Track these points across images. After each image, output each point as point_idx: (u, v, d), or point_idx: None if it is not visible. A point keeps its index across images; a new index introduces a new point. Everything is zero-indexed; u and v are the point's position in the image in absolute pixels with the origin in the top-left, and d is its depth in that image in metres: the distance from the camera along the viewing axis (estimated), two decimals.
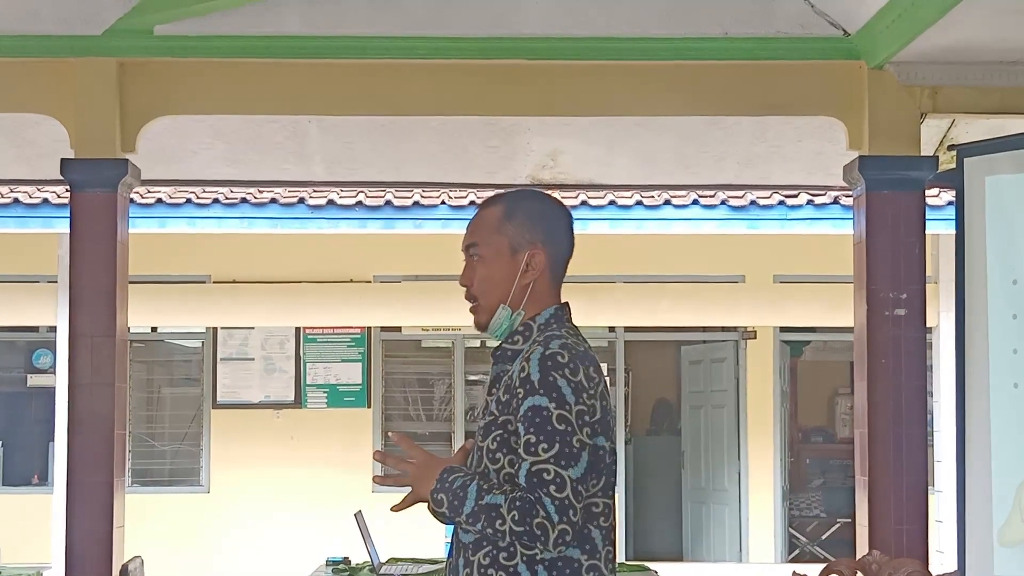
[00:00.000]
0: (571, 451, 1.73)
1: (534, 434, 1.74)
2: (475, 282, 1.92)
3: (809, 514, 9.68)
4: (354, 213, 7.15)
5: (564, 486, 1.72)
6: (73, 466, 3.99)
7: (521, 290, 1.89)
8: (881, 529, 3.90)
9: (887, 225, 4.00)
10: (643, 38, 4.04)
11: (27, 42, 4.02)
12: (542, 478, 1.72)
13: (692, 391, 9.38)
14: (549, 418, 1.74)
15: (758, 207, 7.05)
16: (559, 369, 1.77)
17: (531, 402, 1.75)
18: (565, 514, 1.71)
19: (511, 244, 1.91)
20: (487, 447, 1.81)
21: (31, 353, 8.79)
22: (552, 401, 1.75)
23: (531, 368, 1.77)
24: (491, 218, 1.93)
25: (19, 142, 4.96)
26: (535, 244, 1.90)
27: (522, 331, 1.90)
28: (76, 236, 4.06)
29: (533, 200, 1.97)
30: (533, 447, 1.73)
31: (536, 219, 1.92)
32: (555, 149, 5.21)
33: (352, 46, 4.06)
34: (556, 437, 1.73)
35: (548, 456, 1.72)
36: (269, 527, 8.28)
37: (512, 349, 1.89)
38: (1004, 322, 3.89)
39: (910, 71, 3.98)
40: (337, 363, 8.48)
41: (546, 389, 1.75)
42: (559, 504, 1.71)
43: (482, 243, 1.92)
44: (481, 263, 1.92)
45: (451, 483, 1.79)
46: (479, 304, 1.93)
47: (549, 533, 1.71)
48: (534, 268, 1.90)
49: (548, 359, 1.77)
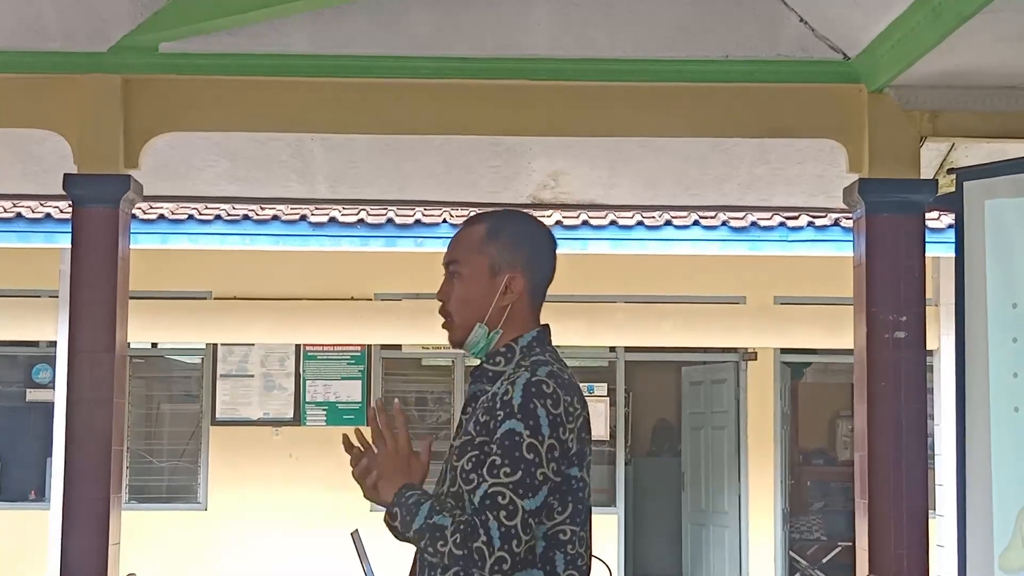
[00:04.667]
0: (532, 482, 1.72)
1: (500, 456, 1.73)
2: (451, 299, 1.91)
3: (809, 537, 9.64)
4: (356, 231, 7.17)
5: (515, 514, 1.70)
6: (70, 482, 3.98)
7: (499, 311, 1.88)
8: (881, 553, 3.88)
9: (887, 248, 4.00)
10: (646, 60, 4.06)
11: (33, 58, 4.04)
12: (496, 501, 1.71)
13: (692, 412, 9.37)
14: (520, 444, 1.73)
15: (759, 229, 7.07)
16: (541, 398, 1.76)
17: (507, 425, 1.74)
18: (508, 542, 1.69)
19: (491, 265, 1.89)
20: (461, 467, 1.79)
21: (30, 368, 8.79)
22: (527, 428, 1.74)
23: (514, 392, 1.76)
24: (473, 237, 1.91)
25: (24, 157, 4.98)
26: (515, 268, 1.89)
27: (504, 352, 1.88)
28: (77, 251, 4.06)
29: (517, 223, 1.94)
30: (496, 469, 1.72)
31: (519, 243, 1.91)
32: (557, 170, 5.22)
33: (357, 65, 4.08)
34: (521, 465, 1.72)
35: (508, 481, 1.71)
36: (266, 545, 8.24)
37: (493, 370, 1.88)
38: (1004, 346, 3.88)
39: (910, 95, 3.99)
40: (337, 381, 8.47)
41: (524, 415, 1.74)
42: (505, 531, 1.69)
43: (462, 261, 1.90)
44: (460, 281, 1.90)
45: (407, 499, 1.79)
46: (453, 321, 1.91)
47: (486, 558, 1.69)
48: (512, 292, 1.88)
49: (533, 386, 1.76)
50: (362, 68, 4.08)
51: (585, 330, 7.72)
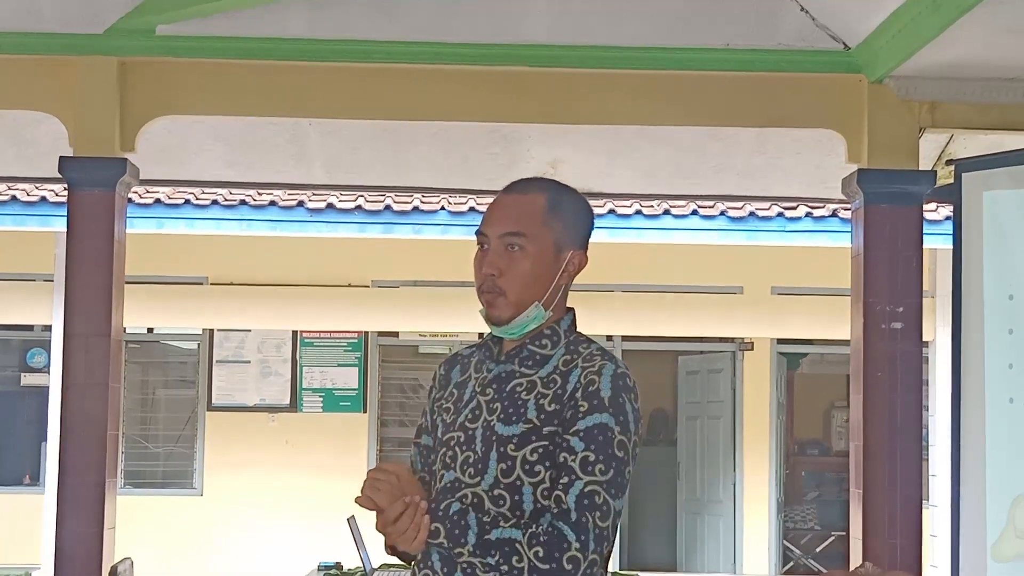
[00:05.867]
0: (622, 481, 1.64)
1: (594, 452, 1.62)
2: (507, 273, 1.73)
3: (804, 526, 9.67)
4: (353, 217, 7.14)
5: (608, 515, 1.61)
6: (65, 467, 3.97)
7: (557, 291, 1.75)
8: (875, 542, 3.89)
9: (885, 239, 4.00)
10: (645, 48, 4.05)
11: (28, 40, 4.02)
12: (593, 501, 1.60)
13: (689, 402, 9.38)
14: (612, 440, 1.63)
15: (757, 219, 7.05)
16: (628, 392, 1.67)
17: (598, 419, 1.63)
18: (600, 544, 1.60)
19: (556, 241, 1.74)
20: (523, 457, 1.65)
21: (25, 352, 8.78)
22: (618, 424, 1.64)
23: (602, 383, 1.65)
24: (535, 208, 1.74)
25: (19, 140, 4.96)
26: (577, 245, 1.77)
27: (549, 335, 1.75)
28: (73, 235, 4.05)
29: (574, 196, 1.81)
30: (591, 466, 1.61)
31: (580, 218, 1.78)
32: (555, 157, 5.21)
33: (355, 50, 4.06)
34: (614, 463, 1.63)
35: (603, 480, 1.61)
36: (262, 531, 8.25)
37: (541, 353, 1.73)
38: (1000, 337, 3.89)
39: (909, 86, 3.99)
40: (333, 367, 8.46)
41: (615, 410, 1.64)
42: (599, 533, 1.60)
43: (529, 234, 1.73)
44: (523, 255, 1.72)
45: (445, 510, 1.63)
46: (505, 298, 1.73)
47: (580, 564, 1.58)
48: (570, 271, 1.76)
49: (620, 378, 1.67)
50: (360, 53, 4.06)
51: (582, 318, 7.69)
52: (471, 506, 1.66)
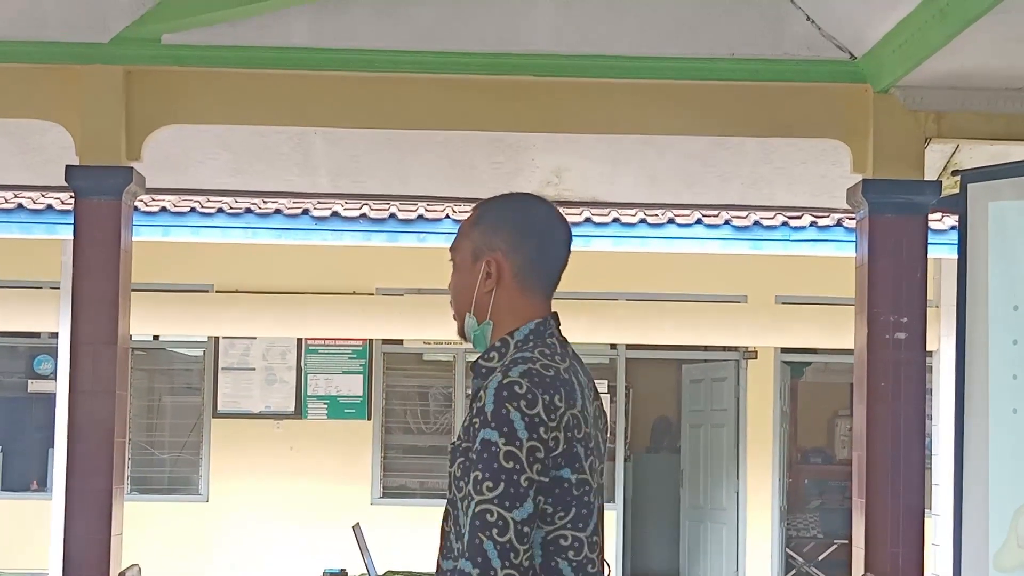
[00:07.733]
0: (517, 491, 1.64)
1: (481, 470, 1.65)
2: (451, 292, 1.85)
3: (806, 535, 9.66)
4: (358, 225, 7.16)
5: (507, 529, 1.62)
6: (72, 473, 3.98)
7: (483, 299, 1.79)
8: (877, 551, 3.88)
9: (889, 249, 4.00)
10: (650, 57, 4.05)
11: (34, 48, 4.03)
12: (485, 520, 1.63)
13: (692, 410, 9.37)
14: (497, 455, 1.64)
15: (762, 228, 7.06)
16: (514, 400, 1.65)
17: (483, 435, 1.66)
18: (507, 558, 1.62)
19: (474, 251, 1.81)
20: (453, 474, 1.73)
21: (32, 359, 8.81)
22: (502, 436, 1.64)
23: (487, 397, 1.67)
24: (465, 224, 1.84)
25: (25, 148, 4.98)
26: (495, 251, 1.78)
27: (498, 347, 1.78)
28: (79, 243, 4.07)
29: (505, 203, 1.84)
30: (480, 484, 1.64)
31: (501, 224, 1.80)
32: (560, 166, 5.22)
33: (360, 59, 4.07)
34: (502, 476, 1.63)
35: (492, 496, 1.63)
36: (267, 538, 8.26)
37: (487, 366, 1.77)
38: (1004, 348, 3.88)
39: (915, 95, 3.99)
40: (338, 375, 8.48)
41: (497, 423, 1.65)
42: (501, 548, 1.62)
43: (455, 249, 1.84)
44: (454, 271, 1.85)
45: None
46: (455, 314, 1.85)
47: None
48: (493, 276, 1.78)
49: (504, 388, 1.66)
50: (364, 62, 4.07)
51: (586, 327, 7.73)
52: (443, 521, 1.78)
